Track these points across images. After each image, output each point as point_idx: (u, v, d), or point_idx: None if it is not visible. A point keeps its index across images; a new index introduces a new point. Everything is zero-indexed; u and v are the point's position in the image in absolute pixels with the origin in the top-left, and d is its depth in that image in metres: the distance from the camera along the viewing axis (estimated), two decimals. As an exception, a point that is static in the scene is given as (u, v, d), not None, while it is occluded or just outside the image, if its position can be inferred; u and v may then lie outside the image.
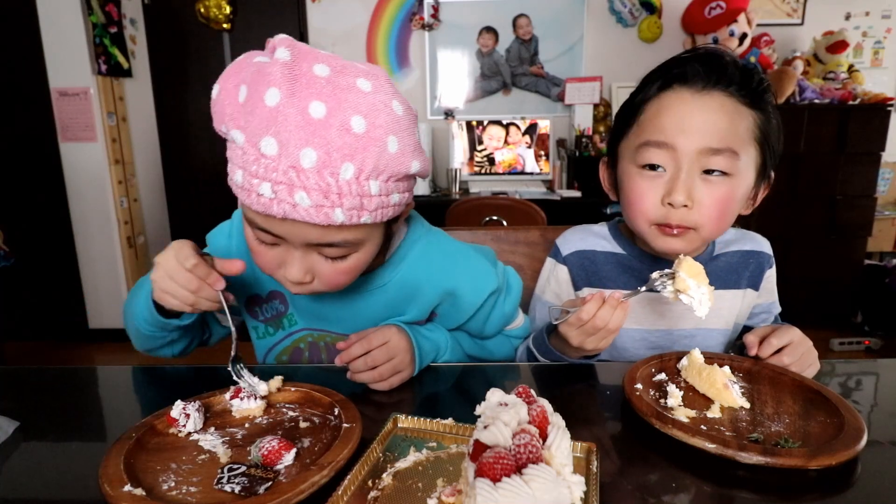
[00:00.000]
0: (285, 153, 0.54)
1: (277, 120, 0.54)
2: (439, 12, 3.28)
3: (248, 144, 0.56)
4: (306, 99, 0.54)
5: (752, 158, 0.79)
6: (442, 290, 0.80)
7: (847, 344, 2.90)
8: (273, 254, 0.65)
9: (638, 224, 0.84)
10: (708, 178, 0.77)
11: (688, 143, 0.76)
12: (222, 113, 0.58)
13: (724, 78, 0.76)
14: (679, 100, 0.77)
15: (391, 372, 0.72)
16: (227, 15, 3.25)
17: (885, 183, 3.27)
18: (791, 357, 0.73)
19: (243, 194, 0.58)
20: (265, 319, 0.86)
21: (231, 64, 0.60)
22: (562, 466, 0.42)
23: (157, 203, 3.50)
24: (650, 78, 0.83)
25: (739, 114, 0.76)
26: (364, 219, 0.60)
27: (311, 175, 0.55)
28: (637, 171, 0.81)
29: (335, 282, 0.68)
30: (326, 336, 0.85)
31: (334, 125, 0.55)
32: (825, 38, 3.14)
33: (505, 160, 3.30)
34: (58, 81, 2.92)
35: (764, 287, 0.94)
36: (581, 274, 0.94)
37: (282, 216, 0.57)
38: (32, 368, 0.80)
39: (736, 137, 0.76)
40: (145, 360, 3.05)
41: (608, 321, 0.70)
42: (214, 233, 0.84)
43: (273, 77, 0.54)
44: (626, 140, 0.84)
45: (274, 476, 0.49)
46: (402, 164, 0.60)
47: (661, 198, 0.78)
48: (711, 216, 0.78)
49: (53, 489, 0.51)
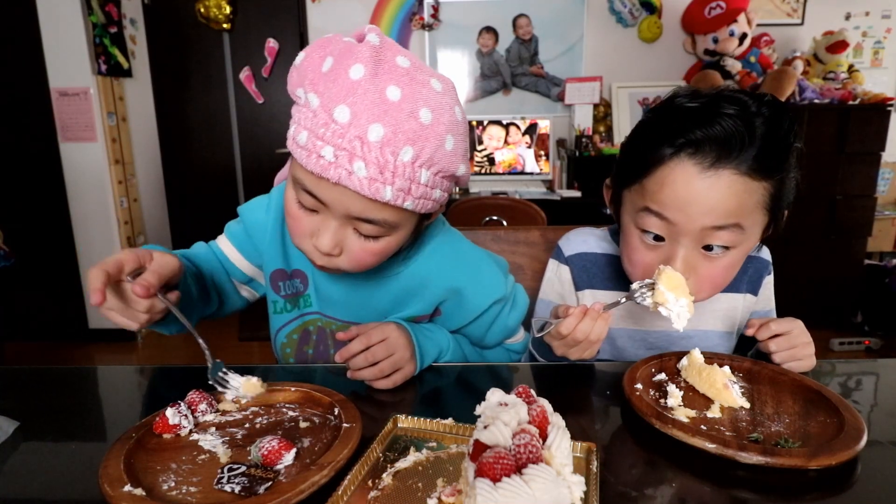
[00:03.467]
0: (356, 123, 0.58)
1: (357, 92, 0.58)
2: (439, 12, 3.28)
3: (322, 109, 0.59)
4: (386, 81, 0.59)
5: (760, 223, 0.74)
6: (449, 287, 0.81)
7: (847, 344, 2.90)
8: (310, 221, 0.67)
9: (631, 276, 0.81)
10: (708, 254, 0.73)
11: (689, 221, 0.71)
12: (303, 77, 0.62)
13: (740, 154, 0.68)
14: (684, 176, 0.70)
15: (391, 368, 0.72)
16: (227, 15, 3.25)
17: (885, 183, 3.27)
18: (778, 346, 0.73)
19: (303, 154, 0.61)
20: (285, 295, 0.88)
21: (318, 39, 0.64)
22: (562, 466, 0.42)
23: (157, 203, 3.50)
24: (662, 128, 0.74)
25: (750, 190, 0.70)
26: (407, 203, 0.62)
27: (374, 148, 0.58)
28: (637, 233, 0.78)
29: (361, 260, 0.69)
30: (333, 323, 0.87)
31: (405, 110, 0.59)
32: (825, 38, 3.14)
33: (505, 160, 3.30)
34: (58, 81, 2.92)
35: (762, 294, 0.93)
36: (582, 276, 0.94)
37: (336, 181, 0.59)
38: (32, 368, 0.80)
39: (743, 213, 0.71)
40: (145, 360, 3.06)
41: (588, 333, 0.69)
42: (250, 206, 0.87)
43: (361, 55, 0.59)
44: (630, 191, 0.79)
45: (274, 476, 0.49)
46: (453, 163, 0.64)
47: (659, 265, 0.75)
48: (709, 286, 0.76)
49: (53, 489, 0.51)
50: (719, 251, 0.73)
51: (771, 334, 0.73)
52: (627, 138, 0.82)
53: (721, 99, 0.71)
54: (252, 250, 0.88)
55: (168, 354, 3.07)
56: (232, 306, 0.93)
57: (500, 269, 0.88)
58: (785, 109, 0.71)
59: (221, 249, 0.89)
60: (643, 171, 0.74)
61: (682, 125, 0.71)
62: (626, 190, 0.80)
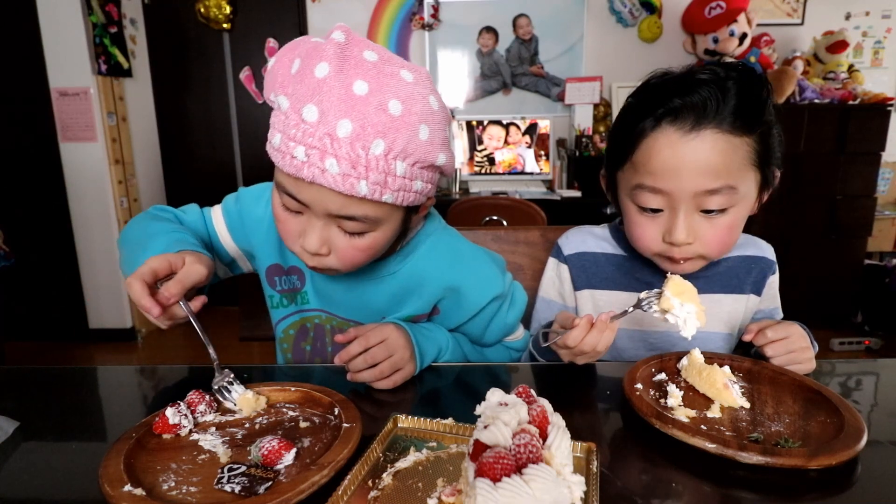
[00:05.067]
0: (324, 121, 0.59)
1: (322, 90, 0.59)
2: (439, 12, 3.28)
3: (292, 110, 0.60)
4: (352, 77, 0.59)
5: (753, 181, 0.76)
6: (447, 285, 0.81)
7: (847, 344, 2.90)
8: (295, 222, 0.68)
9: (642, 252, 0.83)
10: (708, 217, 0.75)
11: (681, 186, 0.73)
12: (273, 81, 0.63)
13: (717, 114, 0.71)
14: (668, 143, 0.73)
15: (391, 369, 0.72)
16: (227, 15, 3.25)
17: (885, 183, 3.27)
18: (774, 351, 0.73)
19: (278, 156, 0.62)
20: (281, 290, 0.88)
21: (289, 42, 0.65)
22: (562, 466, 0.42)
23: (156, 203, 3.49)
24: (642, 106, 0.77)
25: (734, 147, 0.72)
26: (386, 197, 0.63)
27: (344, 144, 0.59)
28: (635, 209, 0.80)
29: (350, 258, 0.69)
30: (332, 320, 0.87)
31: (373, 103, 0.59)
32: (825, 37, 3.14)
33: (505, 160, 3.30)
34: (58, 81, 2.92)
35: (766, 293, 0.93)
36: (581, 275, 0.94)
37: (310, 180, 0.60)
38: (32, 368, 0.80)
39: (732, 172, 0.73)
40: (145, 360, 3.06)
41: (595, 345, 0.70)
42: (252, 194, 0.87)
43: (326, 53, 0.59)
44: (622, 172, 0.82)
45: (274, 476, 0.49)
46: (430, 152, 0.64)
47: (662, 235, 0.78)
48: (715, 246, 0.78)
49: (53, 489, 0.51)
50: (718, 213, 0.75)
51: (767, 341, 0.73)
52: (612, 125, 0.86)
53: (693, 71, 0.76)
54: (242, 236, 0.87)
55: (168, 354, 3.07)
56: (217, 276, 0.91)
57: (498, 266, 0.88)
58: (754, 70, 0.75)
59: (213, 224, 0.88)
60: (630, 149, 0.77)
61: (659, 97, 0.75)
62: (618, 172, 0.83)
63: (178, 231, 0.79)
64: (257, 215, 0.85)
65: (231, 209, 0.88)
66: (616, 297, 0.92)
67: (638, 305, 0.72)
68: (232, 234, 0.88)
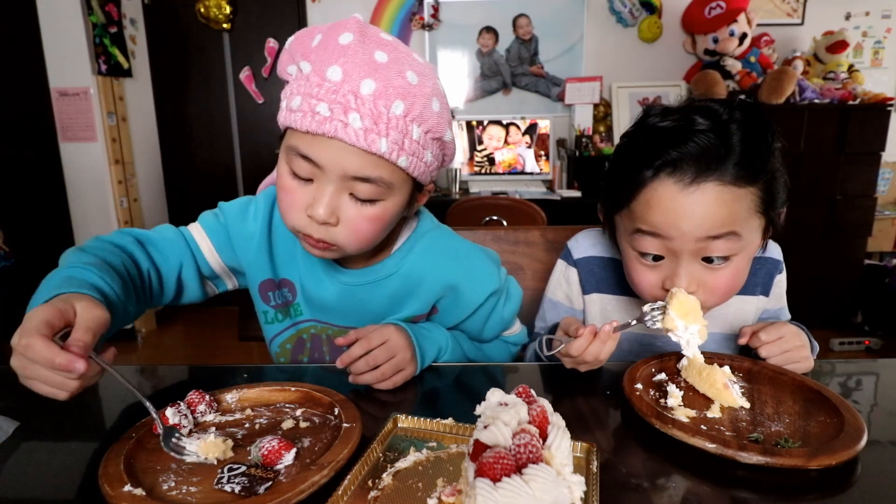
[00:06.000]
0: (348, 79, 0.61)
1: (347, 53, 0.62)
2: (439, 12, 3.28)
3: (314, 72, 0.63)
4: (373, 47, 0.63)
5: (757, 227, 0.73)
6: (444, 285, 0.81)
7: (847, 344, 2.90)
8: (304, 192, 0.67)
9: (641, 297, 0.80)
10: (710, 266, 0.72)
11: (681, 236, 0.69)
12: (293, 53, 0.66)
13: (720, 166, 0.67)
14: (668, 196, 0.69)
15: (393, 370, 0.72)
16: (227, 15, 3.24)
17: (885, 183, 3.27)
18: (769, 352, 0.73)
19: (298, 116, 0.63)
20: (275, 305, 0.87)
21: (305, 28, 0.69)
22: (562, 466, 0.42)
23: (157, 203, 3.50)
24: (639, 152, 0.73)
25: (738, 198, 0.68)
26: (402, 160, 0.65)
27: (367, 101, 0.61)
28: (635, 255, 0.76)
29: (359, 229, 0.68)
30: (329, 329, 0.86)
31: (394, 69, 0.63)
32: (825, 37, 3.14)
33: (505, 160, 3.30)
34: (58, 81, 2.92)
35: (773, 292, 0.92)
36: (590, 279, 0.94)
37: (332, 134, 0.61)
38: (32, 368, 0.80)
39: (735, 220, 0.69)
40: (145, 360, 3.06)
41: (598, 355, 0.70)
42: (235, 210, 0.83)
43: (349, 27, 0.63)
44: (620, 216, 0.78)
45: (274, 476, 0.49)
46: (440, 125, 0.68)
47: (663, 283, 0.74)
48: (718, 295, 0.74)
49: (53, 489, 0.51)
50: (721, 261, 0.72)
51: (761, 344, 0.73)
52: (608, 165, 0.82)
53: (692, 112, 0.70)
54: (229, 251, 0.84)
55: (168, 354, 3.07)
56: (190, 297, 0.85)
57: (493, 261, 0.88)
58: (759, 111, 0.70)
59: (196, 242, 0.83)
60: (628, 196, 0.74)
61: (657, 146, 0.70)
62: (616, 215, 0.80)
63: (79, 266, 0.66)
64: (246, 231, 0.82)
65: (214, 225, 0.83)
66: (624, 303, 0.92)
67: (641, 319, 0.71)
68: (218, 250, 0.83)
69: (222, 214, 0.84)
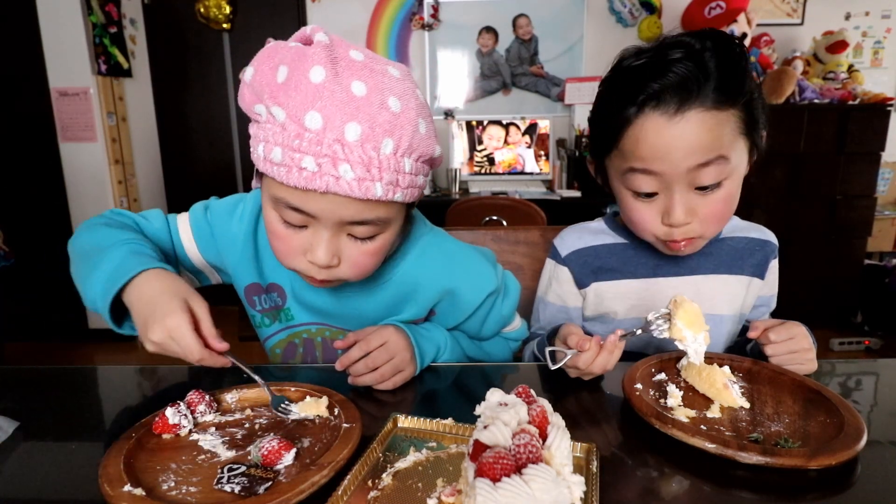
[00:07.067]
0: (330, 126, 0.56)
1: (323, 95, 0.56)
2: (439, 12, 3.28)
3: (290, 120, 0.57)
4: (349, 78, 0.57)
5: (743, 149, 0.75)
6: (441, 289, 0.81)
7: (847, 344, 2.90)
8: (300, 238, 0.64)
9: (643, 237, 0.83)
10: (703, 193, 0.75)
11: (672, 167, 0.72)
12: (258, 92, 0.59)
13: (700, 92, 0.70)
14: (654, 128, 0.72)
15: (392, 372, 0.72)
16: (227, 15, 3.25)
17: (884, 183, 3.27)
18: (774, 351, 0.73)
19: (282, 171, 0.58)
20: (262, 310, 0.86)
21: (262, 50, 0.61)
22: (562, 466, 0.42)
23: (157, 203, 3.50)
24: (621, 92, 0.75)
25: (721, 122, 0.71)
26: (397, 196, 0.62)
27: (355, 148, 0.57)
28: (630, 194, 0.79)
29: (362, 264, 0.67)
30: (325, 330, 0.85)
31: (375, 103, 0.58)
32: (825, 38, 3.14)
33: (505, 160, 3.30)
34: (58, 81, 2.92)
35: (768, 278, 0.93)
36: (585, 272, 0.93)
37: (324, 189, 0.58)
38: (32, 368, 0.80)
39: (722, 144, 0.72)
40: (145, 360, 3.05)
41: (605, 365, 0.70)
42: (222, 208, 0.82)
43: (317, 57, 0.57)
44: (610, 158, 0.81)
45: (274, 476, 0.49)
46: (429, 145, 0.64)
47: (661, 218, 0.77)
48: (713, 221, 0.77)
49: (53, 489, 0.51)
50: (713, 189, 0.74)
51: (770, 342, 0.73)
52: (591, 111, 0.84)
53: (666, 47, 0.73)
54: (212, 251, 0.83)
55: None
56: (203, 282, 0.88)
57: (489, 261, 0.87)
58: (729, 37, 0.73)
59: (179, 234, 0.82)
60: (616, 136, 0.76)
61: (637, 83, 0.73)
62: (606, 158, 0.82)
63: (135, 241, 0.72)
64: (231, 233, 0.80)
65: (200, 220, 0.82)
66: (623, 287, 0.91)
67: (646, 329, 0.71)
68: (200, 246, 0.82)
69: (210, 211, 0.82)
